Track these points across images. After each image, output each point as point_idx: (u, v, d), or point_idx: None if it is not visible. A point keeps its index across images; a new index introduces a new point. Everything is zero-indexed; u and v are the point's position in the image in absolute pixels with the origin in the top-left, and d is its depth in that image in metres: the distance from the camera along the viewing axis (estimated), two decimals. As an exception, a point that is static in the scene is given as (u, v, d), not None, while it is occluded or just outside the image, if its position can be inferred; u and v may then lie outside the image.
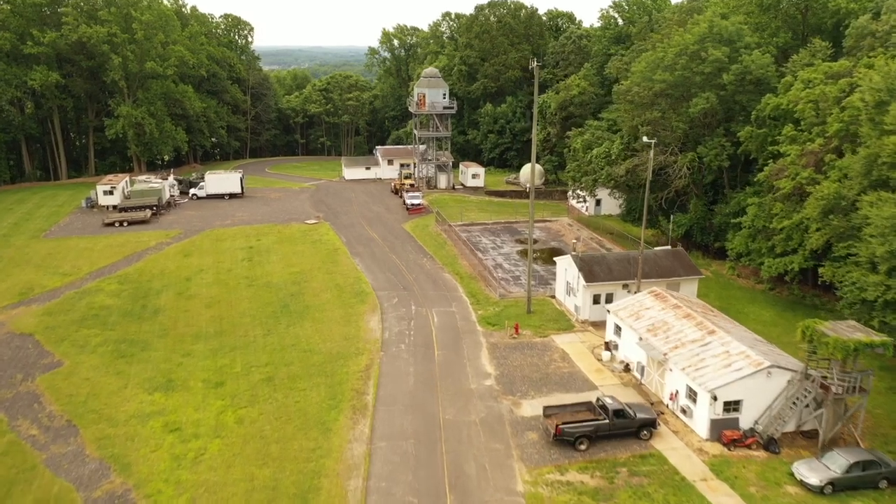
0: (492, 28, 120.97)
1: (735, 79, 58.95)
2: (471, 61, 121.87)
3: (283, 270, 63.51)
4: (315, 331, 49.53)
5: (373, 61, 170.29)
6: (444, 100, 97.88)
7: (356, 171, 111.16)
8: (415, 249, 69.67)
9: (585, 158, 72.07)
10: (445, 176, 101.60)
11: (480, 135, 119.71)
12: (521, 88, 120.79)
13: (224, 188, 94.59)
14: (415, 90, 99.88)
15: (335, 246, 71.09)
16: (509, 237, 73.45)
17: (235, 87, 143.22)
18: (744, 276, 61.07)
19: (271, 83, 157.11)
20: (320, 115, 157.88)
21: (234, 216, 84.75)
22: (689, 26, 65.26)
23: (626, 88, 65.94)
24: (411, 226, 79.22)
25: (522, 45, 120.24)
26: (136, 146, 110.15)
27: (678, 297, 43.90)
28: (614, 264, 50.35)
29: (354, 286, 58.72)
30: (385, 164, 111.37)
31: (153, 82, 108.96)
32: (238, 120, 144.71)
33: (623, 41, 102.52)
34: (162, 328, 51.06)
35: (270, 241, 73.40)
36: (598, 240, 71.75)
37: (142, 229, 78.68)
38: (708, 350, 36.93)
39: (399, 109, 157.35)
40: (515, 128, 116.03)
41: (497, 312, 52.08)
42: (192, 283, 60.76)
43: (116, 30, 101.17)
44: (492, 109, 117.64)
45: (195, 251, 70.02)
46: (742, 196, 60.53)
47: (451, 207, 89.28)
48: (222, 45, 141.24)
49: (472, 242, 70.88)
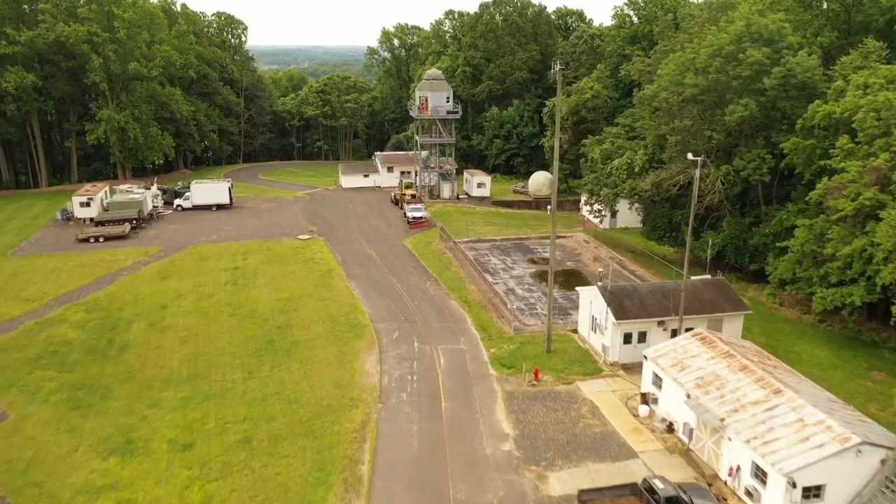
0: (497, 27, 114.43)
1: (777, 83, 52.37)
2: (475, 62, 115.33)
3: (271, 296, 56.91)
4: (303, 374, 42.93)
5: (372, 62, 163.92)
6: (447, 104, 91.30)
7: (354, 178, 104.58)
8: (417, 270, 63.09)
9: (605, 170, 65.48)
10: (449, 185, 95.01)
11: (485, 140, 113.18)
12: (529, 91, 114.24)
13: (211, 199, 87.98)
14: (416, 93, 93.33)
15: (329, 266, 64.48)
16: (521, 256, 66.82)
17: (228, 89, 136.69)
18: (787, 304, 54.52)
19: (266, 84, 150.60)
20: (317, 117, 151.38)
21: (221, 230, 78.13)
22: (722, 24, 58.68)
23: (653, 94, 59.38)
24: (413, 242, 72.60)
25: (530, 45, 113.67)
26: (120, 152, 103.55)
27: (728, 342, 37.32)
28: (647, 297, 43.78)
29: (349, 316, 52.11)
30: (384, 172, 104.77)
31: (138, 84, 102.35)
32: (230, 123, 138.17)
33: (638, 41, 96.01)
34: (128, 370, 44.46)
35: (258, 260, 66.80)
36: (619, 260, 65.14)
37: (119, 245, 72.10)
38: (776, 416, 30.35)
39: (399, 112, 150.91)
40: (523, 132, 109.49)
41: (512, 351, 45.48)
42: (167, 311, 54.15)
43: (97, 28, 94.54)
44: (498, 113, 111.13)
45: (175, 272, 63.41)
46: (784, 214, 53.99)
47: (455, 220, 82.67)
48: (214, 45, 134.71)
49: (479, 263, 64.28)
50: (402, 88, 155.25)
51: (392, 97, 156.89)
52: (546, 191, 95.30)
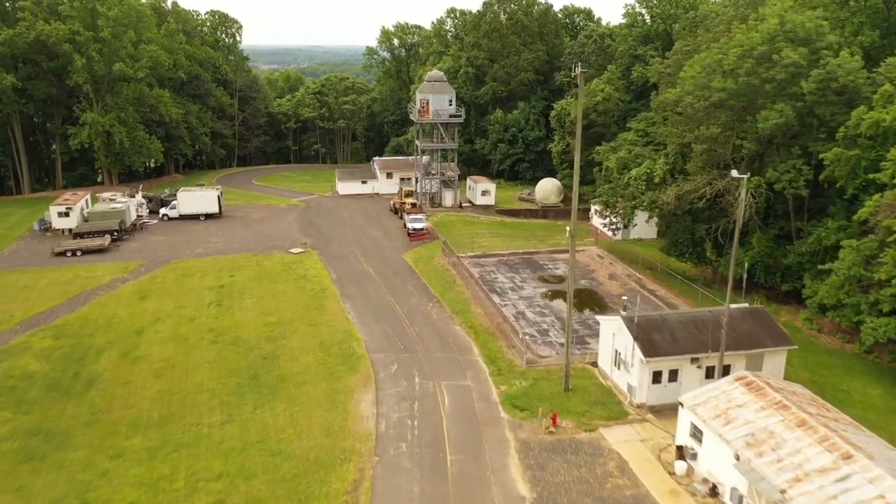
0: (502, 26, 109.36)
1: (816, 87, 47.33)
2: (478, 63, 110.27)
3: (258, 320, 51.88)
4: (289, 418, 37.88)
5: (371, 62, 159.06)
6: (450, 107, 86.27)
7: (351, 185, 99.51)
8: (418, 290, 58.03)
9: (621, 180, 60.39)
10: (451, 192, 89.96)
11: (489, 144, 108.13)
12: (535, 93, 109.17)
13: (199, 208, 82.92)
14: (416, 95, 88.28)
15: (323, 285, 59.42)
16: (530, 274, 61.72)
17: (221, 91, 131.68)
18: (826, 330, 49.49)
19: (261, 86, 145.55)
20: (314, 119, 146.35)
21: (208, 243, 73.07)
22: (751, 22, 53.63)
23: (676, 98, 54.28)
24: (413, 257, 67.55)
25: (536, 44, 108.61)
26: (105, 157, 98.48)
27: (778, 387, 32.28)
28: (679, 329, 38.75)
29: (343, 345, 47.06)
30: (383, 178, 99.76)
31: (124, 86, 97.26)
32: (224, 126, 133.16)
33: (651, 41, 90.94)
34: (92, 410, 39.43)
35: (246, 277, 61.75)
36: (637, 278, 60.08)
37: (98, 260, 67.10)
38: (849, 490, 25.33)
39: (399, 114, 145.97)
40: (529, 137, 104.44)
41: (525, 389, 40.42)
42: (143, 338, 49.11)
43: (79, 27, 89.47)
44: (502, 116, 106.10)
45: (154, 291, 58.36)
46: (822, 231, 48.94)
47: (458, 231, 77.66)
48: (207, 45, 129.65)
49: (485, 281, 59.21)
50: (402, 89, 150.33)
51: (392, 98, 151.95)
52: (554, 199, 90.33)
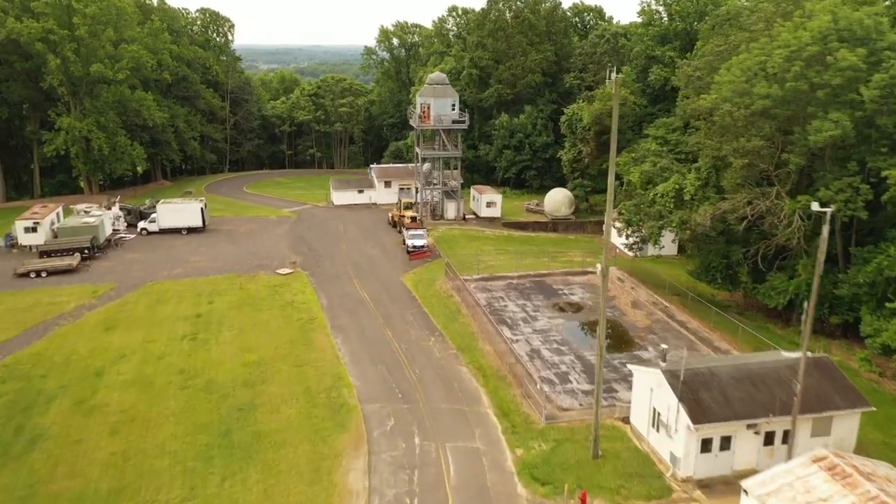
0: (507, 25, 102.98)
1: (879, 94, 40.94)
2: (482, 64, 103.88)
3: (236, 358, 45.46)
4: (263, 494, 31.42)
5: (369, 62, 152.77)
6: (452, 112, 79.84)
7: (347, 194, 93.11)
8: (418, 320, 51.61)
9: (646, 196, 53.95)
10: (454, 204, 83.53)
11: (494, 150, 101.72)
12: (542, 96, 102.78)
13: (181, 221, 76.51)
14: (416, 99, 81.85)
15: (312, 313, 52.99)
16: (543, 300, 55.27)
17: (211, 92, 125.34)
18: (891, 374, 43.11)
19: (253, 87, 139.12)
20: (309, 122, 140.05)
21: (188, 262, 66.65)
22: (797, 19, 47.19)
23: (712, 106, 47.82)
24: (413, 279, 61.14)
25: (543, 44, 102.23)
26: (84, 164, 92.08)
27: (869, 474, 25.89)
28: (732, 387, 32.33)
29: (332, 392, 40.64)
30: (381, 187, 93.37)
31: (103, 88, 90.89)
32: (214, 129, 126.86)
33: (669, 40, 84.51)
34: (30, 480, 32.98)
35: (227, 303, 55.32)
36: (664, 306, 53.64)
37: (64, 282, 60.74)
38: None
39: (398, 117, 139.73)
40: (536, 143, 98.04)
41: (546, 455, 33.98)
42: (102, 381, 42.70)
43: (53, 25, 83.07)
44: (508, 121, 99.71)
45: (123, 321, 51.94)
46: (885, 260, 42.53)
47: (462, 247, 71.32)
48: (196, 45, 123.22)
49: (494, 310, 52.80)
50: (401, 91, 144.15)
51: (391, 101, 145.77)
52: (565, 211, 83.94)
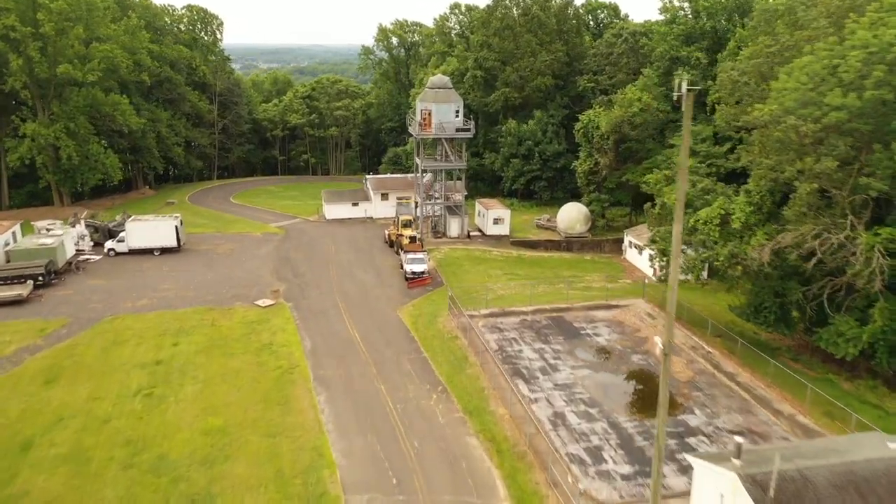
0: (515, 23, 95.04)
1: None
2: (488, 65, 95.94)
3: (196, 423, 37.51)
4: None
5: (367, 63, 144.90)
6: (456, 118, 71.91)
7: (340, 208, 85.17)
8: (417, 369, 43.68)
9: (686, 223, 45.92)
10: (458, 220, 75.56)
11: (500, 159, 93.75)
12: (553, 100, 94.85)
13: (153, 240, 68.54)
14: (416, 104, 73.88)
15: (292, 360, 45.03)
16: (564, 343, 47.28)
17: (198, 95, 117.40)
18: None
19: (243, 89, 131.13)
20: (302, 127, 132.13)
21: (157, 290, 58.69)
22: (873, 14, 39.21)
23: (770, 119, 39.82)
24: (412, 313, 53.19)
25: (554, 44, 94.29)
26: (52, 174, 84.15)
27: None
28: (832, 500, 24.33)
29: (309, 476, 32.68)
30: (377, 199, 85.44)
31: (73, 91, 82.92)
32: (201, 134, 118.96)
33: (695, 40, 76.59)
34: None
35: (194, 345, 47.38)
36: (706, 352, 45.66)
37: (11, 316, 52.80)
38: None
39: (397, 120, 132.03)
40: (546, 151, 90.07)
41: (584, 581, 26.03)
42: (28, 457, 34.71)
43: (15, 21, 75.12)
44: (515, 127, 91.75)
45: (69, 370, 43.97)
46: None
47: (467, 272, 63.48)
48: (181, 44, 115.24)
49: (507, 356, 44.85)
50: (400, 93, 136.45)
51: (390, 103, 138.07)
52: (580, 228, 75.97)
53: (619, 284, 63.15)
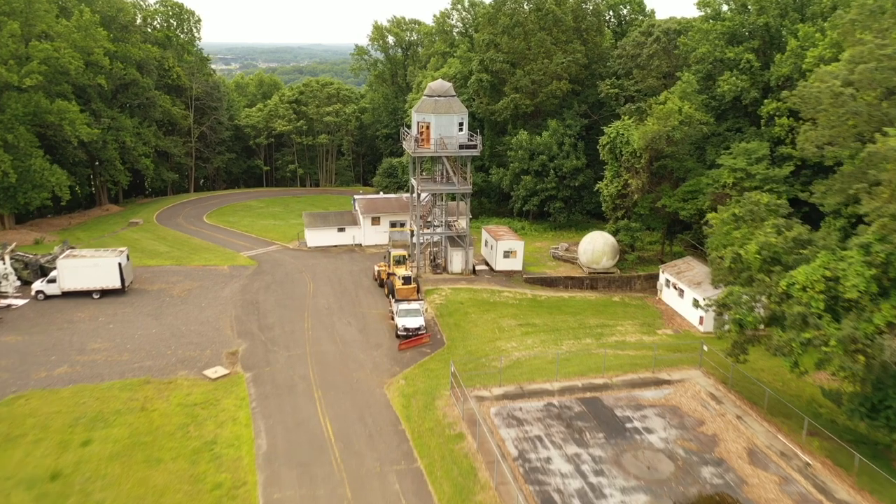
0: (526, 20, 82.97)
1: None
2: (495, 67, 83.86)
3: None
4: None
5: (361, 64, 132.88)
6: (460, 133, 59.89)
7: (323, 233, 73.15)
8: (407, 491, 31.61)
9: (775, 286, 33.72)
10: (461, 253, 63.57)
11: (509, 175, 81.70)
12: (570, 107, 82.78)
13: (91, 281, 56.44)
14: (413, 115, 61.77)
15: (239, 474, 32.94)
16: (605, 442, 35.18)
17: (171, 99, 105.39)
18: None
19: (223, 93, 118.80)
20: (289, 134, 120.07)
21: (83, 351, 46.62)
22: None
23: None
24: (403, 392, 41.09)
25: (573, 43, 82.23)
26: (-13, 194, 72.17)
27: None
28: None
29: None
30: (367, 224, 73.40)
31: (10, 97, 70.82)
32: (174, 143, 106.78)
33: (743, 39, 64.58)
34: None
35: (110, 445, 35.31)
36: (802, 464, 33.54)
37: None
38: None
39: (394, 126, 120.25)
40: (563, 167, 78.04)
41: None
42: None
43: (-67, 15, 63.15)
44: (527, 139, 79.72)
45: (-72, 489, 31.92)
46: None
47: (473, 324, 51.57)
48: (152, 42, 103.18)
49: (531, 467, 32.79)
50: (397, 97, 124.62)
51: (385, 108, 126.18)
52: (606, 262, 63.97)
53: (661, 338, 51.28)
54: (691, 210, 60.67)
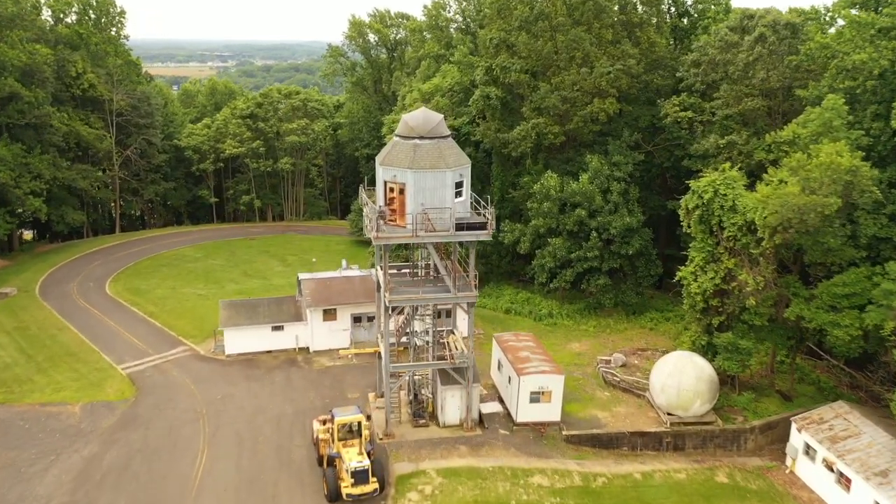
0: (555, 12, 57.44)
1: None
2: (509, 79, 58.21)
3: None
4: None
5: (336, 68, 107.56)
6: (458, 199, 34.58)
7: (251, 334, 47.84)
8: None
9: None
10: (459, 395, 38.08)
11: (529, 234, 56.18)
12: (618, 137, 57.11)
13: None
14: (378, 171, 36.17)
15: None
16: None
17: (78, 115, 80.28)
18: None
19: (154, 106, 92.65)
20: (243, 157, 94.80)
21: None
22: None
23: None
24: None
25: (622, 44, 56.71)
26: None
27: None
28: None
29: None
30: (316, 319, 48.08)
31: None
32: (81, 173, 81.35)
33: None
34: None
35: None
36: None
37: None
38: None
39: (377, 146, 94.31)
40: (612, 226, 52.60)
41: None
42: None
43: None
44: (557, 182, 54.27)
45: None
46: None
47: None
48: (55, 42, 78.15)
49: None
50: (380, 109, 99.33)
51: (366, 122, 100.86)
52: (700, 408, 38.67)
53: None
54: (851, 330, 35.59)
